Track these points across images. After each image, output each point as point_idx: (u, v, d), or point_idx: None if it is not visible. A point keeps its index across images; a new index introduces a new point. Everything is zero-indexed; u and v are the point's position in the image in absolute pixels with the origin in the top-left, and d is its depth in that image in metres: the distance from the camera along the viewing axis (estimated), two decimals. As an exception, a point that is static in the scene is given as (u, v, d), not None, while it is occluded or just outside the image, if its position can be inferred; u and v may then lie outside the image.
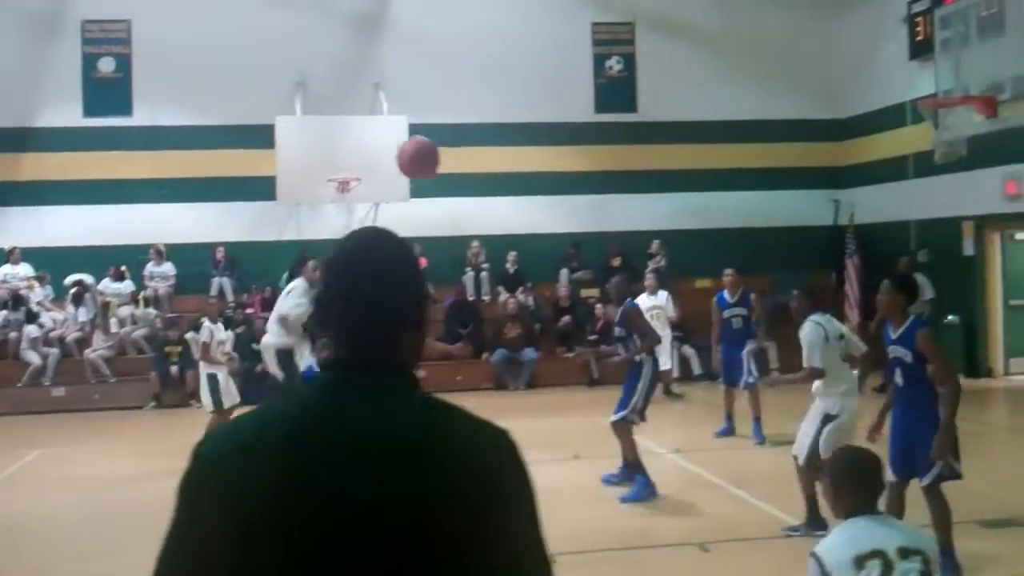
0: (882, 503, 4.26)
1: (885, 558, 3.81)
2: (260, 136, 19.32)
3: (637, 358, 10.25)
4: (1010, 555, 7.76)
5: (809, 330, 8.44)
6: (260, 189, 19.53)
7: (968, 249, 18.05)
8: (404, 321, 2.14)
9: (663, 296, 16.59)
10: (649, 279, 16.48)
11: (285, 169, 18.96)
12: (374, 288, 2.11)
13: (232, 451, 1.99)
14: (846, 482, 4.09)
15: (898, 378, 7.12)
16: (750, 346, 13.15)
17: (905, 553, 3.83)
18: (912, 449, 6.99)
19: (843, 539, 3.96)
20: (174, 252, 20.24)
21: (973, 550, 7.80)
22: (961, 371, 15.64)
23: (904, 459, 7.06)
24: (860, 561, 3.82)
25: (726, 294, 13.48)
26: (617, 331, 10.53)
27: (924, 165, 18.56)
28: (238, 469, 1.95)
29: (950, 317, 15.38)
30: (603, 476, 10.73)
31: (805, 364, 8.35)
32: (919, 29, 18.98)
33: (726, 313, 13.35)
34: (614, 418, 10.33)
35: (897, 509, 6.99)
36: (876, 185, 20.95)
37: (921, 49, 18.64)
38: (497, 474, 2.02)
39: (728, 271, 13.64)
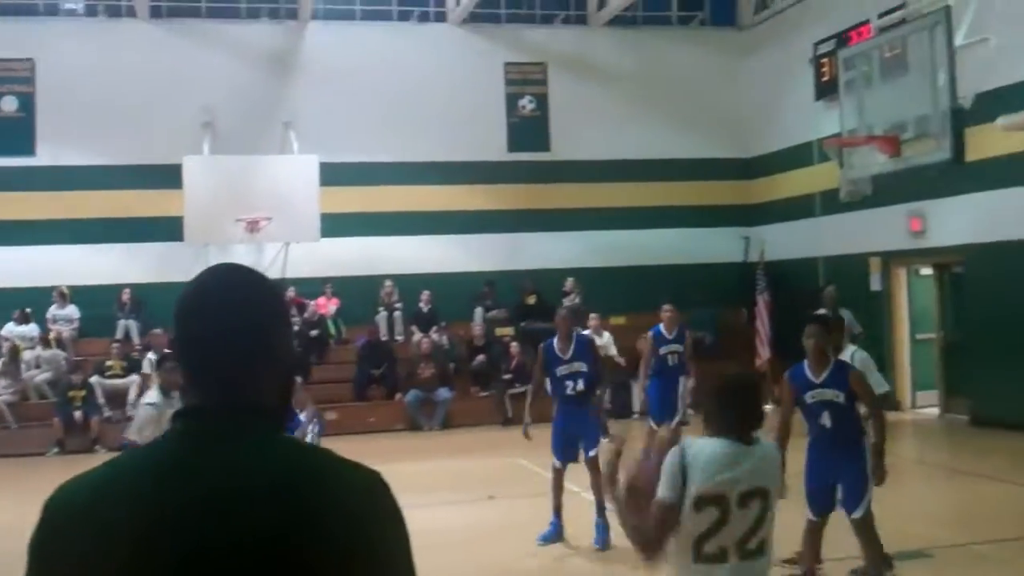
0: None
1: (726, 505, 3.86)
2: (167, 176, 19.00)
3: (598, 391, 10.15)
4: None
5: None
6: (167, 229, 19.17)
7: (875, 284, 18.33)
8: (253, 360, 1.95)
9: (607, 336, 16.43)
10: (593, 319, 16.07)
11: (193, 209, 18.67)
12: (215, 325, 1.94)
13: (82, 506, 1.82)
14: (730, 404, 4.06)
15: (825, 420, 6.95)
16: (690, 384, 12.73)
17: (744, 500, 3.87)
18: (834, 486, 7.03)
19: (709, 455, 3.95)
20: (78, 294, 19.70)
21: None
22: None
23: (826, 497, 7.08)
24: (700, 504, 3.86)
25: (663, 329, 12.82)
26: (573, 367, 9.78)
27: (831, 203, 18.85)
28: (87, 525, 1.79)
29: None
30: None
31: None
32: (825, 70, 19.35)
33: (662, 349, 12.75)
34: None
35: (817, 547, 7.16)
36: (785, 222, 21.24)
37: (827, 89, 18.98)
38: (368, 519, 1.88)
39: (667, 307, 13.03)
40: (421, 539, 7.38)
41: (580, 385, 9.77)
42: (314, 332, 19.48)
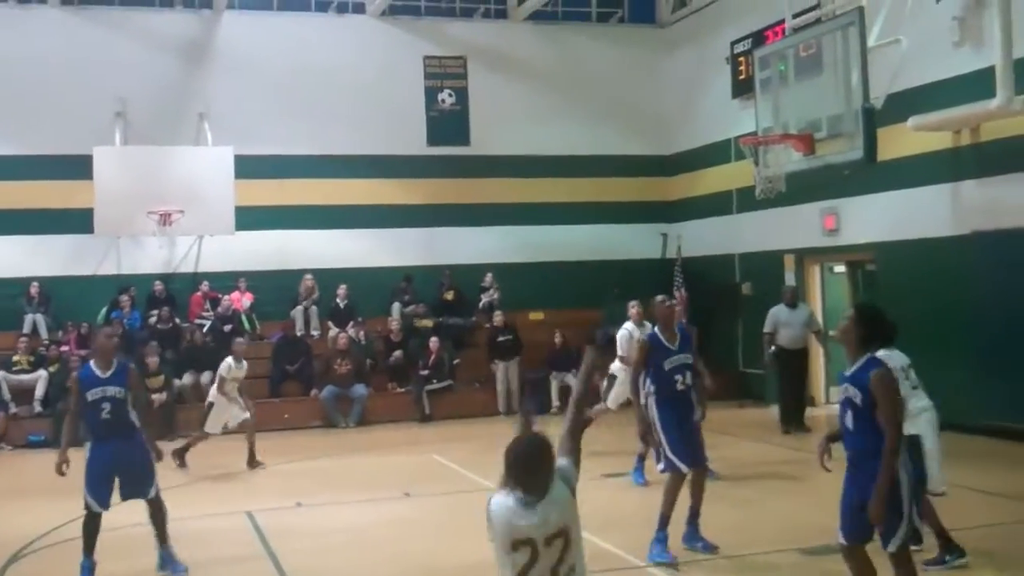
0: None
1: (534, 545, 4.26)
2: (77, 167, 18.64)
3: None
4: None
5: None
6: (77, 221, 18.77)
7: (789, 281, 18.51)
8: None
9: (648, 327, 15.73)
10: (633, 306, 14.37)
11: (104, 201, 18.35)
12: None
13: None
14: (511, 470, 4.38)
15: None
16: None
17: (549, 541, 4.26)
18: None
19: (503, 511, 4.37)
20: (-16, 287, 19.17)
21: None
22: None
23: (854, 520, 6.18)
24: (515, 546, 4.30)
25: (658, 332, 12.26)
26: (681, 358, 9.07)
27: (747, 200, 19.00)
28: None
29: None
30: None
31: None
32: (742, 68, 19.51)
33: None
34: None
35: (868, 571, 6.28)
36: (702, 219, 21.41)
37: (744, 88, 19.14)
38: None
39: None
40: (337, 537, 7.29)
41: (688, 378, 9.09)
42: (227, 327, 19.16)
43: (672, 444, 8.81)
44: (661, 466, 8.93)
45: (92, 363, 8.80)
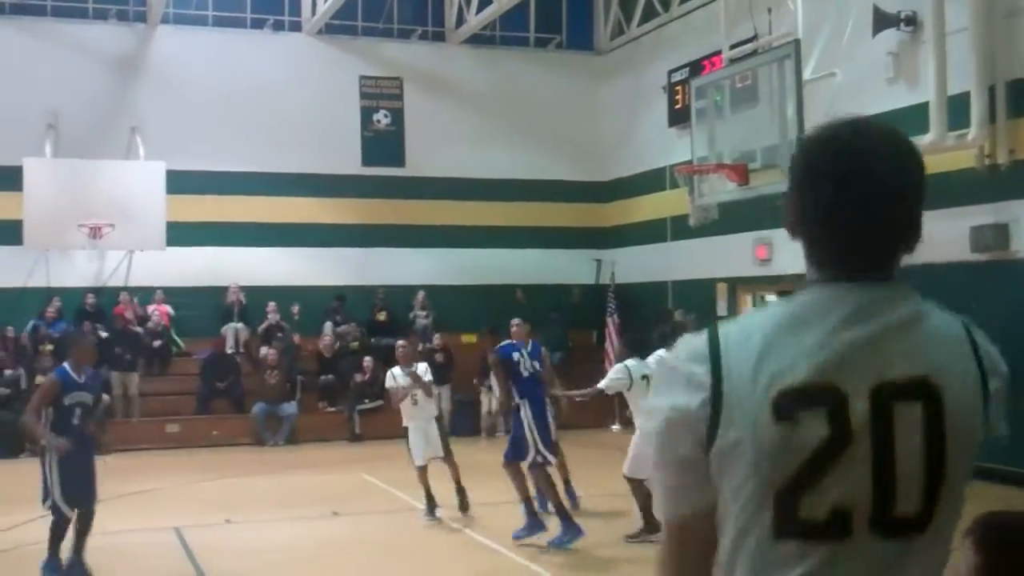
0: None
1: None
2: (6, 178, 18.38)
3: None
4: None
5: None
6: (5, 233, 18.44)
7: (721, 310, 18.72)
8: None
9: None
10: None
11: (33, 213, 18.09)
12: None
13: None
14: None
15: None
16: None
17: None
18: None
19: None
20: (-91, 300, 18.69)
21: None
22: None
23: None
24: None
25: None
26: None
27: (681, 228, 19.20)
28: None
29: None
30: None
31: None
32: (678, 97, 19.73)
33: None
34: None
35: None
36: (636, 246, 21.57)
37: (680, 117, 19.33)
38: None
39: (516, 321, 13.14)
40: (266, 556, 7.20)
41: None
42: (157, 343, 18.90)
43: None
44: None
45: (68, 366, 8.60)
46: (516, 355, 10.59)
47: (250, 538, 10.41)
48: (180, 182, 19.10)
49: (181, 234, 19.10)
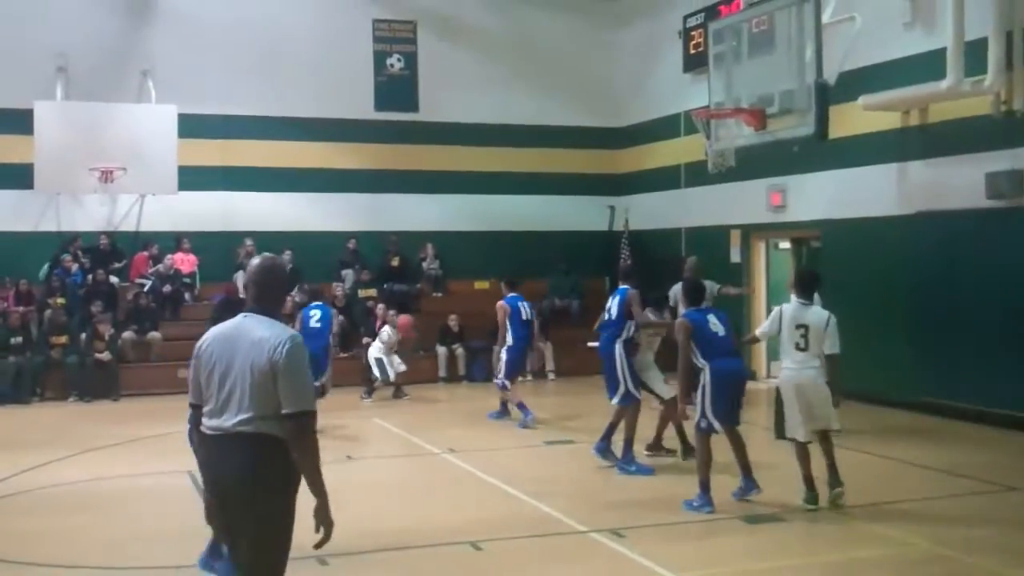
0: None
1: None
2: (17, 121, 18.33)
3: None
4: (765, 549, 7.93)
5: None
6: (16, 177, 18.43)
7: (735, 256, 18.64)
8: None
9: None
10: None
11: (44, 157, 18.09)
12: None
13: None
14: None
15: None
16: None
17: None
18: None
19: None
20: (-81, 243, 18.73)
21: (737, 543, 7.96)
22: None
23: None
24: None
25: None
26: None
27: (695, 175, 19.12)
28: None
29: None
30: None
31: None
32: (694, 42, 19.51)
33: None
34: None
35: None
36: (650, 193, 21.45)
37: (695, 62, 19.16)
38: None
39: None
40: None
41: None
42: (167, 287, 18.91)
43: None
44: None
45: None
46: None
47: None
48: (192, 126, 19.03)
49: (193, 178, 19.07)
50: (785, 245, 18.52)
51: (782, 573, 7.34)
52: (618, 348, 10.52)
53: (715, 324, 9.24)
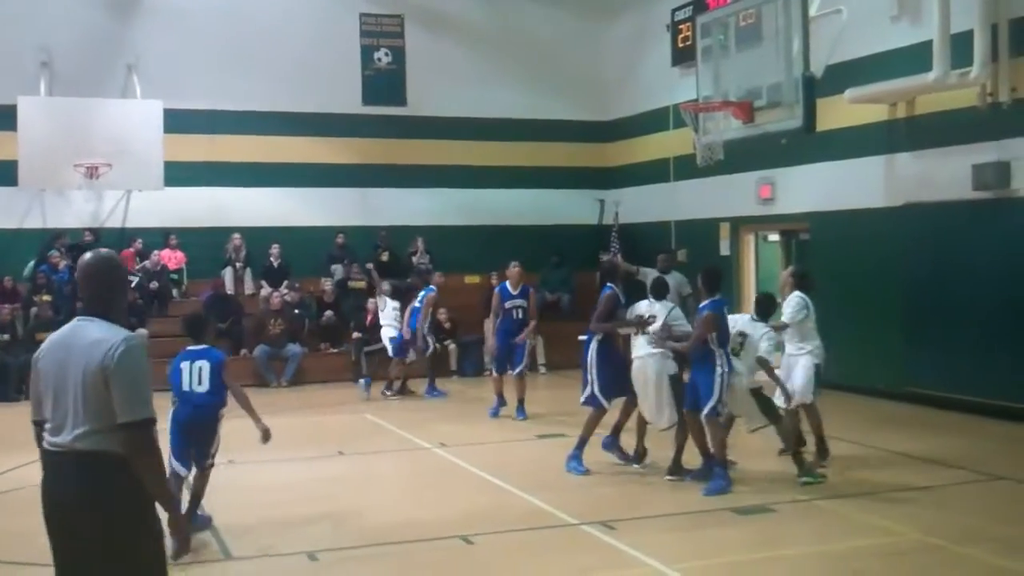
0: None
1: None
2: (0, 117, 18.20)
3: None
4: (755, 540, 7.94)
5: None
6: (0, 173, 18.27)
7: (724, 249, 18.65)
8: None
9: None
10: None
11: (28, 153, 18.06)
12: None
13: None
14: None
15: None
16: (532, 339, 14.23)
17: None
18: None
19: None
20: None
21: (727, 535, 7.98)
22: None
23: None
24: None
25: (508, 286, 14.00)
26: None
27: (684, 168, 19.13)
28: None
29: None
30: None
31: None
32: (682, 36, 19.51)
33: (507, 304, 13.93)
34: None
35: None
36: (640, 186, 21.45)
37: (683, 56, 19.16)
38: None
39: (514, 263, 14.20)
40: (271, 495, 7.15)
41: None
42: (154, 284, 18.84)
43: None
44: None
45: None
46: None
47: (254, 478, 10.41)
48: (177, 121, 18.97)
49: (179, 174, 19.01)
50: (774, 238, 18.56)
51: (772, 564, 7.36)
52: (592, 348, 10.23)
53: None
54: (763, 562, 7.41)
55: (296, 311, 18.87)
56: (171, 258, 19.64)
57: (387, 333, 16.81)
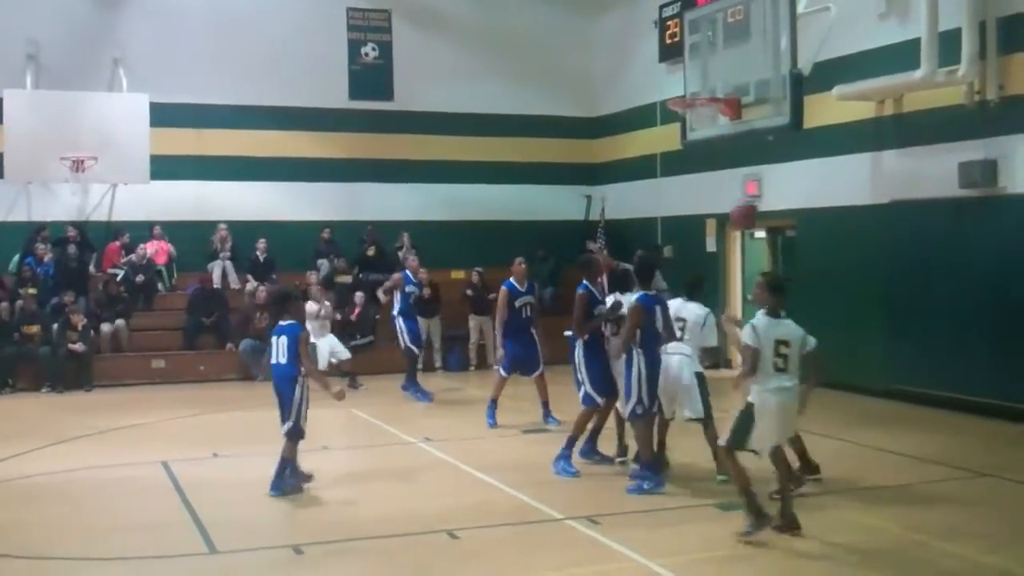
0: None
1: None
2: (-14, 110, 18.11)
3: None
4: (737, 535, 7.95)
5: None
6: (-15, 166, 18.25)
7: (711, 246, 18.68)
8: None
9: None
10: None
11: (14, 146, 18.07)
12: None
13: None
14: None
15: None
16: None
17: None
18: None
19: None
20: None
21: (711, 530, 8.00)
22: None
23: None
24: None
25: (514, 282, 13.02)
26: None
27: (671, 164, 19.15)
28: None
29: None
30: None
31: None
32: (670, 32, 19.52)
33: (518, 302, 12.94)
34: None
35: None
36: (627, 182, 21.46)
37: (670, 52, 19.19)
38: None
39: (519, 259, 13.33)
40: (255, 488, 7.14)
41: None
42: (140, 277, 18.77)
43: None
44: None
45: None
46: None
47: (238, 471, 10.39)
48: (164, 114, 18.92)
49: (165, 167, 18.95)
50: (760, 234, 18.57)
51: (755, 559, 7.37)
52: (579, 349, 10.09)
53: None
54: (746, 557, 7.42)
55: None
56: (159, 251, 19.54)
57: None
